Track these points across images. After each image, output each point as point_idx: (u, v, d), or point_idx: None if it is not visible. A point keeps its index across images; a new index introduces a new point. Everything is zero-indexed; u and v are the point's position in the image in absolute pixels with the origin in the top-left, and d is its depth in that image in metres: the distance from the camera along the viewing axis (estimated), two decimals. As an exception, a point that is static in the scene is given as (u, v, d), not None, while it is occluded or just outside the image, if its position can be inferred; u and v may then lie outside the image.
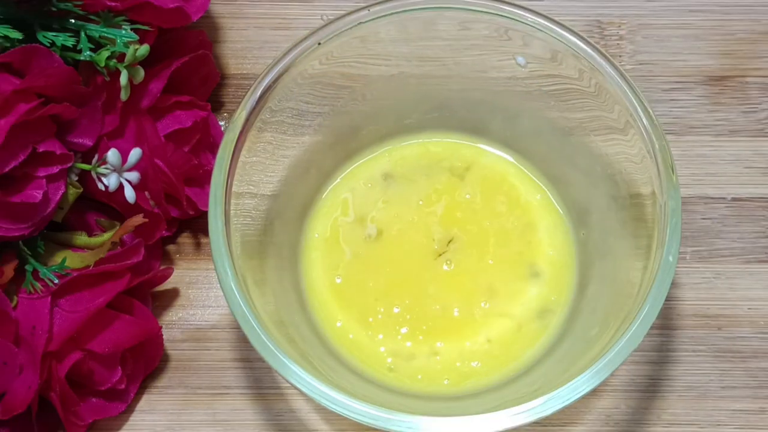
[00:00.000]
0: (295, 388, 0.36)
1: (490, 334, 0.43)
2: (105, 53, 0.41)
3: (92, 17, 0.42)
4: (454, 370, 0.42)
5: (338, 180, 0.46)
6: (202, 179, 0.46)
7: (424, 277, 0.44)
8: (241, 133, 0.40)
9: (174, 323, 0.46)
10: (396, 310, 0.43)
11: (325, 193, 0.46)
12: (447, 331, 0.43)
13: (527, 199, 0.45)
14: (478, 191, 0.45)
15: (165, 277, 0.45)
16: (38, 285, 0.42)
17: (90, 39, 0.42)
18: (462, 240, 0.44)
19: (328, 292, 0.44)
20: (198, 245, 0.48)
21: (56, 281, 0.42)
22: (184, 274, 0.47)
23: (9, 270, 0.41)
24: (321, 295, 0.44)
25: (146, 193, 0.44)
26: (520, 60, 0.43)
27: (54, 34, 0.41)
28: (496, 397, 0.41)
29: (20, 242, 0.42)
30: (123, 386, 0.43)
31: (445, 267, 0.44)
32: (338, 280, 0.44)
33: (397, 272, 0.44)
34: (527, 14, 0.41)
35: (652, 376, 0.45)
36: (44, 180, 0.40)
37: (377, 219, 0.45)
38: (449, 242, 0.44)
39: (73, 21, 0.42)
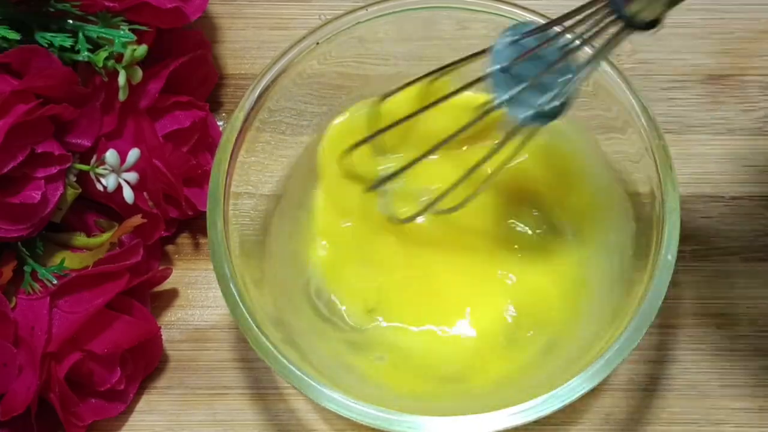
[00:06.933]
0: (294, 387, 0.36)
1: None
2: (103, 54, 0.41)
3: (90, 18, 0.42)
4: (455, 367, 0.42)
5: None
6: (201, 179, 0.46)
7: (427, 272, 0.44)
8: (239, 133, 0.40)
9: (173, 323, 0.46)
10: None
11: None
12: (450, 325, 0.43)
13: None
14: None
15: (164, 277, 0.45)
16: (37, 286, 0.42)
17: (88, 39, 0.42)
18: (465, 240, 0.44)
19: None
20: (197, 245, 0.48)
21: (55, 282, 0.42)
22: (183, 275, 0.47)
23: (8, 271, 0.41)
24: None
25: (145, 193, 0.44)
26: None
27: (52, 34, 0.41)
28: (496, 397, 0.41)
29: (19, 243, 0.42)
30: (122, 387, 0.43)
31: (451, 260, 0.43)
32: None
33: (398, 268, 0.44)
34: (526, 14, 0.41)
35: (651, 374, 0.45)
36: (43, 181, 0.40)
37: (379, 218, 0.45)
38: (455, 242, 0.44)
39: (71, 21, 0.42)
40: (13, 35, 0.40)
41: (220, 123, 0.49)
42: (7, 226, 0.40)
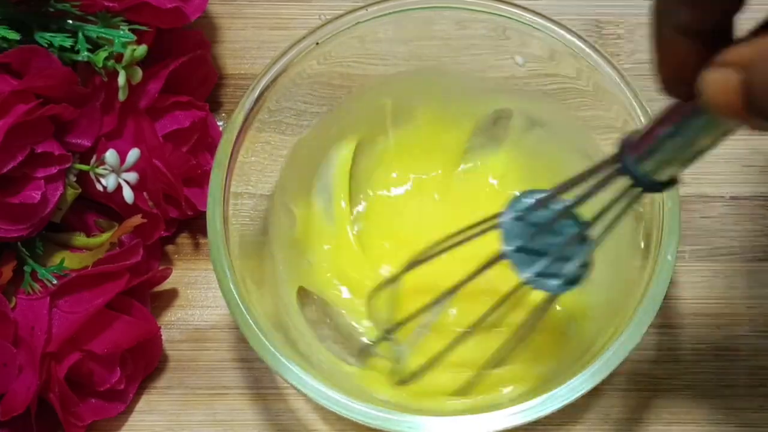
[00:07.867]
0: (294, 388, 0.36)
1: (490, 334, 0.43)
2: (103, 54, 0.41)
3: (90, 18, 0.42)
4: (455, 367, 0.42)
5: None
6: (201, 179, 0.46)
7: (431, 275, 0.44)
8: (239, 133, 0.40)
9: (173, 324, 0.46)
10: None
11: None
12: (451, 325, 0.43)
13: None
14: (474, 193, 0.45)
15: (164, 277, 0.45)
16: (37, 286, 0.42)
17: (88, 39, 0.42)
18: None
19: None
20: (197, 245, 0.48)
21: (55, 282, 0.42)
22: (183, 275, 0.47)
23: (8, 271, 0.41)
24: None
25: (145, 193, 0.44)
26: (519, 59, 0.43)
27: (52, 34, 0.41)
28: (496, 397, 0.41)
29: (19, 243, 0.42)
30: (122, 387, 0.43)
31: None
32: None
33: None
34: (525, 13, 0.41)
35: (651, 374, 0.45)
36: (43, 181, 0.40)
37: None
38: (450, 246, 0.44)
39: (70, 22, 0.42)
40: (13, 35, 0.40)
41: (220, 123, 0.49)
42: (7, 226, 0.40)
